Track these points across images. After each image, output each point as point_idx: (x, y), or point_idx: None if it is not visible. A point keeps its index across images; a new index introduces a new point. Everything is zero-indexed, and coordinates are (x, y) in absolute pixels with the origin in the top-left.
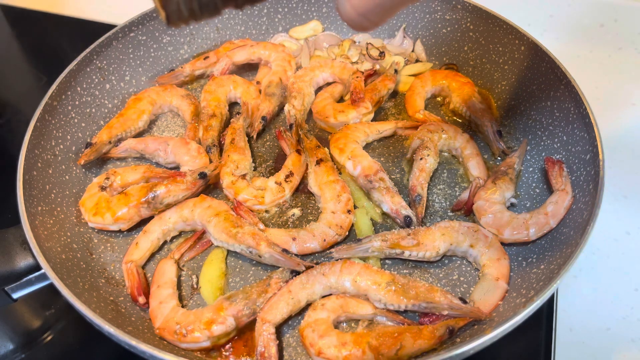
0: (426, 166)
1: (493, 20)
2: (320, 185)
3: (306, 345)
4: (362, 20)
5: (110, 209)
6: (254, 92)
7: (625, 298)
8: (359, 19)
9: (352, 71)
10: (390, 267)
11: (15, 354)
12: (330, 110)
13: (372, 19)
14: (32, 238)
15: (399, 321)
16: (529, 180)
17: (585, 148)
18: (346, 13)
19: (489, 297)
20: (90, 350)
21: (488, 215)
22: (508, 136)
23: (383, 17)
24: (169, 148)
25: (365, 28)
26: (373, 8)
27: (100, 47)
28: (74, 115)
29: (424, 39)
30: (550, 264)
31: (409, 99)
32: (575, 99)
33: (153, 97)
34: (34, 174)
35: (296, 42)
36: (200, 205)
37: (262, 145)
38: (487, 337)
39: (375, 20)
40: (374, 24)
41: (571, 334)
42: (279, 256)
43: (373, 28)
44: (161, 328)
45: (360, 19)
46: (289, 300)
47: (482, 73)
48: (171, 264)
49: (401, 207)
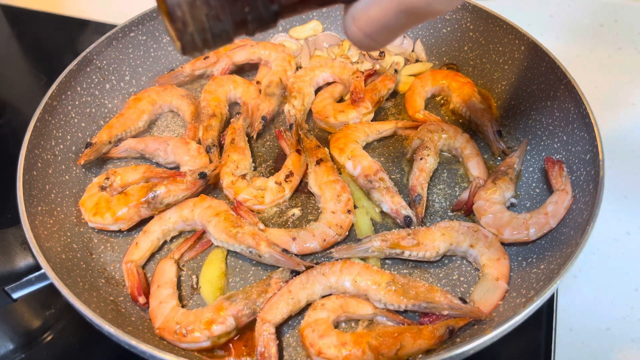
0: (426, 166)
1: (493, 20)
2: (320, 185)
3: (306, 345)
4: (369, 41)
5: (110, 209)
6: (254, 92)
7: (625, 298)
8: (365, 40)
9: (352, 71)
10: (390, 267)
11: (15, 354)
12: (330, 110)
13: (379, 40)
14: (32, 238)
15: (399, 321)
16: (529, 180)
17: (585, 148)
18: (353, 34)
19: (489, 297)
20: (90, 350)
21: (488, 215)
22: (508, 136)
23: (389, 38)
24: (169, 148)
25: (371, 48)
26: (379, 30)
27: (100, 47)
28: (74, 115)
29: (424, 39)
30: (550, 264)
31: (409, 99)
32: (575, 99)
33: (153, 97)
34: (34, 174)
35: (296, 42)
36: (200, 205)
37: (262, 145)
38: (487, 337)
39: (381, 41)
40: (380, 44)
41: (571, 334)
42: (279, 256)
43: (379, 48)
44: (161, 328)
45: (367, 40)
46: (289, 300)
47: (482, 73)
48: (171, 264)
49: (401, 207)
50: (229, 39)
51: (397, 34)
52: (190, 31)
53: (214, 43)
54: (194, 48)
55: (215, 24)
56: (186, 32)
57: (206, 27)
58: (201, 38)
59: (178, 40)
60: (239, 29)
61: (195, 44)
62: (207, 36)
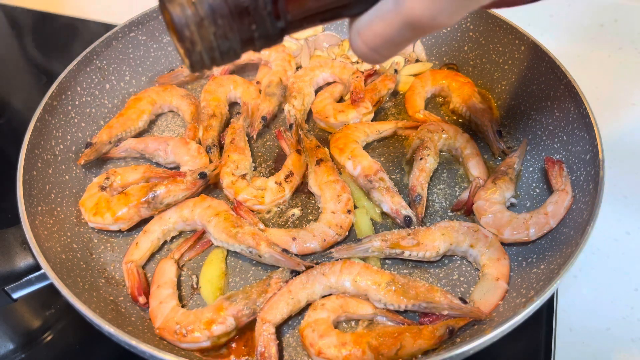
0: (426, 166)
1: (493, 20)
2: (320, 185)
3: (306, 345)
4: (374, 54)
5: (110, 209)
6: (254, 92)
7: (625, 298)
8: (370, 54)
9: (352, 71)
10: (390, 267)
11: (15, 354)
12: (330, 110)
13: (383, 53)
14: (32, 238)
15: (399, 321)
16: (529, 180)
17: (585, 148)
18: (358, 48)
19: (489, 297)
20: (90, 350)
21: (488, 215)
22: (508, 136)
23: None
24: (169, 148)
25: (377, 61)
26: (383, 44)
27: (100, 47)
28: (74, 115)
29: (424, 39)
30: (550, 264)
31: (409, 99)
32: (575, 99)
33: (153, 97)
34: (34, 174)
35: (296, 42)
36: (200, 205)
37: (262, 145)
38: (487, 337)
39: (387, 55)
40: (385, 57)
41: (571, 334)
42: (279, 256)
43: (384, 61)
44: (161, 328)
45: (371, 54)
46: (289, 300)
47: (482, 73)
48: (171, 264)
49: (401, 207)
50: (236, 56)
51: (402, 47)
52: (198, 50)
53: (222, 60)
54: (202, 66)
55: (223, 42)
56: (194, 50)
57: (214, 46)
58: (209, 56)
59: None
60: (246, 45)
61: (204, 62)
62: (215, 54)
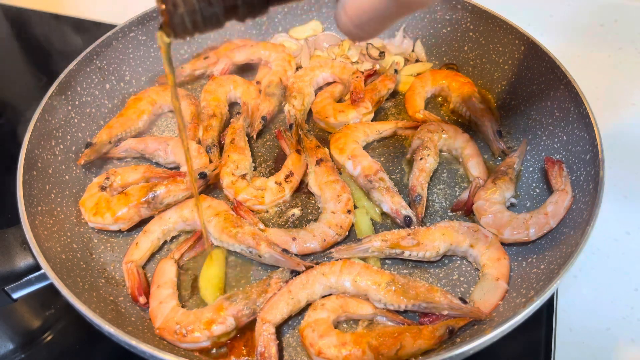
0: (426, 166)
1: (493, 20)
2: (320, 185)
3: (306, 345)
4: (358, 31)
5: (110, 209)
6: (254, 92)
7: (625, 298)
8: (355, 31)
9: (352, 71)
10: (390, 267)
11: (15, 354)
12: (330, 110)
13: (368, 30)
14: (32, 238)
15: (399, 321)
16: (529, 180)
17: (585, 148)
18: (343, 24)
19: (489, 297)
20: (90, 350)
21: (488, 215)
22: (508, 136)
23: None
24: (169, 148)
25: (362, 38)
26: (367, 21)
27: (100, 47)
28: (74, 115)
29: (424, 39)
30: (550, 264)
31: (409, 99)
32: (575, 99)
33: (153, 97)
34: (34, 174)
35: (296, 42)
36: (200, 205)
37: (262, 145)
38: (487, 337)
39: (370, 32)
40: (370, 34)
41: (571, 334)
42: (279, 256)
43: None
44: (161, 328)
45: (356, 30)
46: (289, 300)
47: (482, 73)
48: (171, 264)
49: (401, 207)
50: (219, 24)
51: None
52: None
53: (204, 26)
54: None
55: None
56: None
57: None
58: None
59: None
60: (230, 13)
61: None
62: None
